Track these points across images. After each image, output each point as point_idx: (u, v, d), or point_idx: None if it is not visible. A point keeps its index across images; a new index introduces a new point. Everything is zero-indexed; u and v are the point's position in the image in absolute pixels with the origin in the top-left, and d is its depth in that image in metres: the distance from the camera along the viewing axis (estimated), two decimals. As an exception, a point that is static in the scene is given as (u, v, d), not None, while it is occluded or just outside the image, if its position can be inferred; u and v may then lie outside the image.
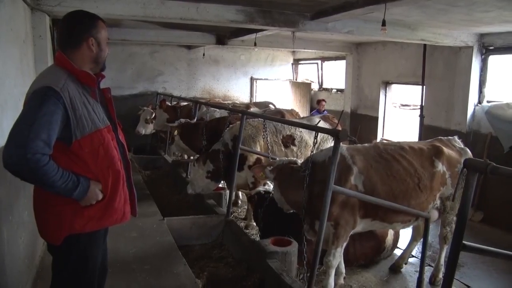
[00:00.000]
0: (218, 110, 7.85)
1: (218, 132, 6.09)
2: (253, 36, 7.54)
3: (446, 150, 4.16)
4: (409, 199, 3.84)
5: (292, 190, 3.84)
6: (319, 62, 12.36)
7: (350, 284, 4.37)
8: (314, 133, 3.76)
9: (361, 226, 3.86)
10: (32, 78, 3.25)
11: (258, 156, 5.51)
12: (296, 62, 13.46)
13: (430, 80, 8.17)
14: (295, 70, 13.52)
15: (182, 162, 7.79)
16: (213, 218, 5.22)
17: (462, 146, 4.43)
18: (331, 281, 3.78)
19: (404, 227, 4.28)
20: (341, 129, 3.37)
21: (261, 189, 4.90)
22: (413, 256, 5.04)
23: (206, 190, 5.67)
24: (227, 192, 5.83)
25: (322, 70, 12.42)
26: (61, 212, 2.10)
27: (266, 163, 4.49)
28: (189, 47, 11.97)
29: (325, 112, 9.68)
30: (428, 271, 4.48)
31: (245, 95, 13.03)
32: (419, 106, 8.37)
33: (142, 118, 9.27)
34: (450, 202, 4.10)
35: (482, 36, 7.14)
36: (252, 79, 13.06)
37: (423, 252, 3.90)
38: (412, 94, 9.79)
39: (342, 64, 11.26)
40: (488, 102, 7.27)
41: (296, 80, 13.34)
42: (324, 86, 12.48)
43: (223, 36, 9.19)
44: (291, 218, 4.25)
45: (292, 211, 4.07)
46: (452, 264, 2.06)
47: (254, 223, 5.27)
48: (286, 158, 4.34)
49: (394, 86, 9.87)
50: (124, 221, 2.32)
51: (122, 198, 2.26)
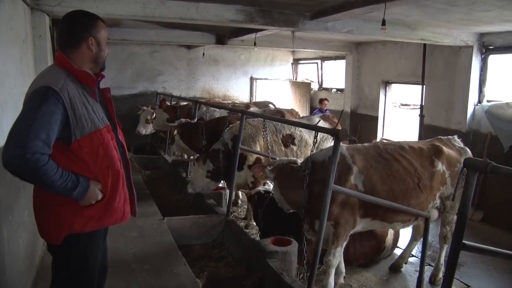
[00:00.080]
0: (218, 110, 7.85)
1: (218, 131, 6.08)
2: (252, 35, 7.54)
3: (446, 149, 4.16)
4: (409, 199, 3.85)
5: (292, 190, 3.84)
6: (319, 61, 12.35)
7: (350, 283, 4.37)
8: (314, 132, 3.75)
9: (361, 225, 3.86)
10: (32, 78, 3.24)
11: (258, 155, 5.51)
12: (296, 61, 13.46)
13: (430, 79, 8.17)
14: (295, 70, 13.51)
15: (182, 161, 7.79)
16: (213, 218, 5.22)
17: (462, 146, 4.43)
18: (331, 280, 3.78)
19: (404, 227, 4.28)
20: (341, 128, 3.36)
21: (261, 188, 4.90)
22: (413, 255, 5.04)
23: (206, 190, 5.67)
24: (227, 191, 5.83)
25: (322, 69, 12.41)
26: (61, 212, 2.10)
27: (266, 163, 4.49)
28: (189, 47, 11.97)
29: (327, 111, 9.66)
30: (428, 271, 4.48)
31: (245, 95, 13.02)
32: (419, 106, 8.36)
33: (142, 118, 9.27)
34: (450, 202, 4.10)
35: (482, 35, 7.14)
36: (252, 79, 13.05)
37: (423, 251, 3.90)
38: (412, 93, 9.78)
39: (342, 63, 11.25)
40: (488, 101, 7.27)
41: (296, 79, 13.33)
42: (324, 86, 12.48)
43: (223, 35, 9.19)
44: (291, 218, 4.24)
45: (292, 211, 4.07)
46: (452, 263, 2.06)
47: (254, 223, 5.26)
48: (286, 158, 4.35)
49: (394, 85, 9.86)
50: (124, 221, 2.32)
51: (122, 198, 2.26)
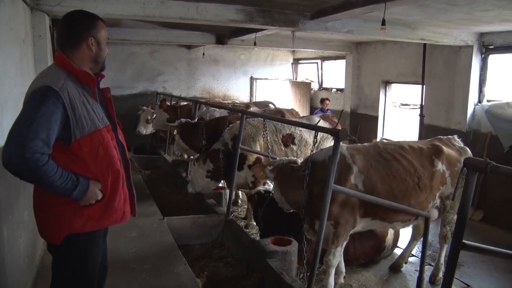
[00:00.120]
0: (218, 109, 7.85)
1: (218, 131, 6.08)
2: (253, 35, 7.54)
3: (445, 149, 4.16)
4: (409, 199, 3.84)
5: (292, 190, 3.84)
6: (319, 61, 12.35)
7: (350, 283, 4.37)
8: (314, 132, 3.75)
9: (361, 225, 3.85)
10: (32, 78, 3.24)
11: (258, 155, 5.51)
12: (296, 61, 13.45)
13: (430, 79, 8.17)
14: (295, 70, 13.51)
15: (182, 161, 7.79)
16: (213, 218, 5.22)
17: (462, 145, 4.43)
18: (331, 280, 3.78)
19: (404, 226, 4.28)
20: (341, 128, 3.36)
21: (261, 188, 4.90)
22: (413, 255, 5.04)
23: (206, 189, 5.67)
24: (227, 191, 5.83)
25: (322, 69, 12.41)
26: (61, 211, 2.10)
27: (266, 163, 4.49)
28: (189, 47, 11.96)
29: (329, 111, 9.64)
30: (428, 270, 4.48)
31: (245, 95, 13.02)
32: (419, 106, 8.36)
33: (142, 118, 9.27)
34: (450, 201, 4.10)
35: (482, 35, 7.14)
36: (252, 79, 13.05)
37: (423, 251, 3.90)
38: (412, 93, 9.78)
39: (342, 63, 11.25)
40: (488, 101, 7.27)
41: (296, 79, 13.33)
42: (324, 86, 12.48)
43: (223, 35, 9.19)
44: (291, 218, 4.24)
45: (292, 211, 4.07)
46: (452, 263, 2.06)
47: (254, 223, 5.26)
48: (286, 158, 4.34)
49: (394, 85, 9.86)
50: (124, 220, 2.32)
51: (122, 198, 2.26)
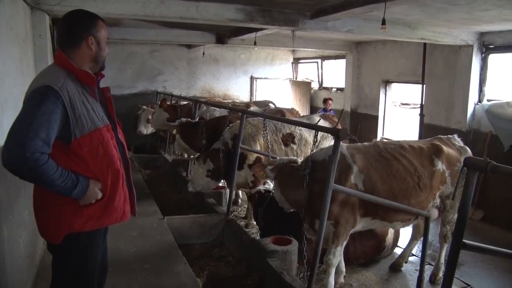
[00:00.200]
0: (218, 109, 7.84)
1: (218, 131, 6.08)
2: (253, 35, 7.54)
3: (445, 148, 4.16)
4: (409, 198, 3.84)
5: (292, 189, 3.83)
6: (319, 61, 12.35)
7: (350, 282, 4.36)
8: (314, 131, 3.75)
9: (361, 225, 3.85)
10: (32, 77, 3.23)
11: (258, 155, 5.51)
12: (296, 61, 13.45)
13: (430, 79, 8.17)
14: (295, 69, 13.51)
15: (182, 161, 7.79)
16: (213, 217, 5.22)
17: (462, 145, 4.42)
18: (331, 279, 3.78)
19: (404, 226, 4.28)
20: (341, 128, 3.36)
21: (261, 188, 4.90)
22: (413, 255, 5.04)
23: (206, 189, 5.67)
24: (227, 191, 5.83)
25: (322, 69, 12.41)
26: (60, 211, 2.10)
27: (266, 162, 4.49)
28: (189, 46, 11.96)
29: (332, 111, 9.62)
30: (428, 270, 4.48)
31: (245, 94, 13.02)
32: (419, 105, 8.36)
33: (143, 118, 9.26)
34: (450, 201, 4.10)
35: (482, 34, 7.14)
36: (252, 78, 13.05)
37: (423, 250, 3.90)
38: (412, 93, 9.78)
39: (342, 63, 11.25)
40: (488, 100, 7.27)
41: (296, 79, 13.33)
42: (324, 85, 12.48)
43: (223, 35, 9.18)
44: (291, 217, 4.24)
45: (292, 210, 4.07)
46: (452, 262, 2.05)
47: (254, 222, 5.26)
48: (286, 157, 4.35)
49: (394, 85, 9.86)
50: (123, 220, 2.32)
51: (122, 197, 2.26)
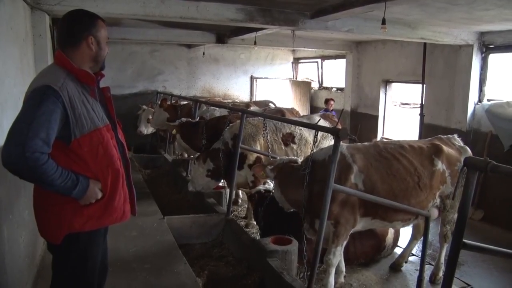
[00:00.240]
0: (218, 109, 7.84)
1: (218, 131, 6.08)
2: (253, 34, 7.53)
3: (445, 148, 4.16)
4: (409, 198, 3.84)
5: (292, 189, 3.84)
6: (319, 60, 12.35)
7: (351, 282, 4.37)
8: (314, 131, 3.75)
9: (361, 224, 3.86)
10: (32, 77, 3.23)
11: (258, 154, 5.51)
12: (296, 61, 13.45)
13: (430, 78, 8.16)
14: (295, 69, 13.50)
15: (182, 160, 7.78)
16: (213, 217, 5.22)
17: (462, 144, 4.43)
18: (332, 279, 3.78)
19: (404, 226, 4.28)
20: (341, 127, 3.36)
21: (261, 188, 4.90)
22: (413, 254, 5.04)
23: (206, 189, 5.67)
24: (227, 190, 5.83)
25: (322, 68, 12.41)
26: (60, 211, 2.10)
27: (266, 162, 4.49)
28: (189, 46, 11.96)
29: (333, 112, 9.61)
30: (428, 270, 4.48)
31: (245, 94, 13.02)
32: (419, 105, 8.36)
33: (143, 118, 9.25)
34: (450, 201, 4.10)
35: (482, 34, 7.13)
36: (252, 78, 13.05)
37: (423, 250, 3.90)
38: (412, 92, 9.78)
39: (342, 62, 11.24)
40: (488, 100, 7.27)
41: (296, 79, 13.33)
42: (324, 85, 12.47)
43: (223, 35, 9.18)
44: (292, 217, 4.24)
45: (292, 210, 4.07)
46: (452, 262, 2.05)
47: (254, 222, 5.26)
48: (286, 157, 4.35)
49: (394, 84, 9.85)
50: (123, 220, 2.32)
51: (122, 197, 2.27)
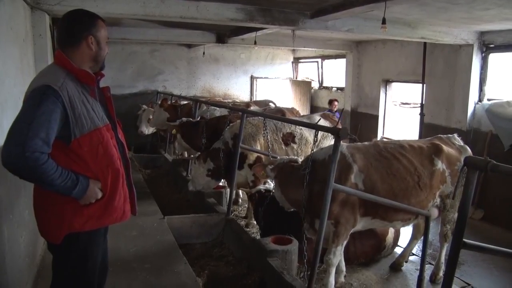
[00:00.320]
0: (218, 108, 7.84)
1: (218, 130, 6.08)
2: (253, 34, 7.54)
3: (445, 148, 4.15)
4: (409, 197, 3.84)
5: (292, 189, 3.83)
6: (319, 60, 12.35)
7: (351, 282, 4.36)
8: (314, 130, 3.75)
9: (361, 224, 3.85)
10: (32, 77, 3.23)
11: (259, 154, 5.51)
12: (296, 60, 13.45)
13: (430, 78, 8.16)
14: (295, 69, 13.51)
15: (183, 160, 7.79)
16: (213, 217, 5.22)
17: (462, 144, 4.42)
18: (332, 279, 3.78)
19: (404, 225, 4.28)
20: (341, 127, 3.36)
21: (261, 187, 4.90)
22: (413, 254, 5.03)
23: (206, 188, 5.67)
24: (228, 190, 5.83)
25: (322, 68, 12.41)
26: (60, 211, 2.10)
27: (266, 162, 4.49)
28: (189, 46, 11.96)
29: (337, 113, 9.59)
30: (428, 269, 4.48)
31: (245, 94, 13.02)
32: (419, 104, 8.36)
33: (144, 118, 9.25)
34: (450, 200, 4.10)
35: (482, 34, 7.13)
36: (252, 78, 13.05)
37: (424, 250, 3.89)
38: (412, 92, 9.77)
39: (342, 62, 11.25)
40: (488, 100, 7.27)
41: (296, 78, 13.33)
42: (324, 85, 12.48)
43: (223, 34, 9.18)
44: (292, 217, 4.24)
45: (292, 210, 4.07)
46: (452, 262, 2.05)
47: (255, 222, 5.26)
48: (286, 157, 4.34)
49: (394, 84, 9.86)
50: (124, 219, 2.32)
51: (122, 197, 2.27)
